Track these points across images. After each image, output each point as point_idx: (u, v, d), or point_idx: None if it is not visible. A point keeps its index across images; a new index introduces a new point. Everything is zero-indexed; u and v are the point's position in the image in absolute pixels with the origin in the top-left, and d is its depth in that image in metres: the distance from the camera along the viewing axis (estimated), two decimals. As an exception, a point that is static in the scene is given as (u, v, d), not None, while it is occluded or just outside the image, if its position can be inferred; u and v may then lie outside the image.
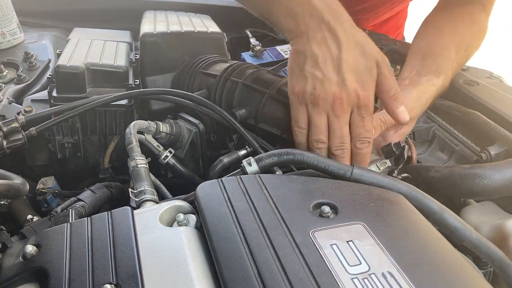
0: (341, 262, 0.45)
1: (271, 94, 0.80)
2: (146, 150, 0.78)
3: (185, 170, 0.82)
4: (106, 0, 1.37)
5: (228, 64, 0.94)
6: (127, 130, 0.75)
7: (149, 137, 0.79)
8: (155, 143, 0.80)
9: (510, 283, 0.55)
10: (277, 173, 0.69)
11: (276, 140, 0.80)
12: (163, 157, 0.79)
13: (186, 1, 1.40)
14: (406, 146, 0.79)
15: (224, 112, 0.82)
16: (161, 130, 0.81)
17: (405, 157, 0.80)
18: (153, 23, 1.06)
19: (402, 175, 0.77)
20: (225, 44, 1.07)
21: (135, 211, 0.56)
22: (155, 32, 0.98)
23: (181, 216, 0.54)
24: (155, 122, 0.81)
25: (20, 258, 0.51)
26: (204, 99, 0.86)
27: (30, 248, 0.51)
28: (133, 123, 0.76)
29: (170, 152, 0.80)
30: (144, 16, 1.18)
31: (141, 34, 1.00)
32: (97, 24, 1.22)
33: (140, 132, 0.78)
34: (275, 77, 0.85)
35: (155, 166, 0.82)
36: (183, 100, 0.86)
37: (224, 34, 1.07)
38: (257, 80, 0.85)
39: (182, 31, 1.00)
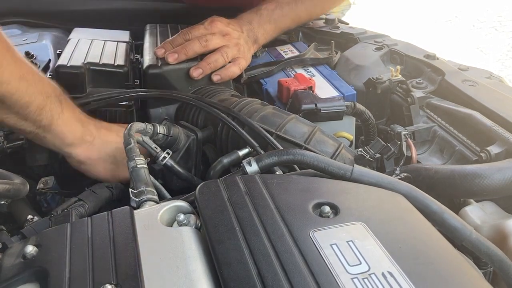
0: (341, 262, 0.45)
1: (278, 134, 0.81)
2: (143, 152, 0.77)
3: (184, 171, 0.82)
4: (106, 0, 1.37)
5: (233, 100, 0.94)
6: (125, 131, 0.75)
7: (146, 139, 0.79)
8: (152, 145, 0.79)
9: (510, 283, 0.55)
10: (277, 173, 0.69)
11: None
12: (160, 158, 0.79)
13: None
14: (404, 143, 0.79)
15: (222, 111, 0.81)
16: (158, 131, 0.81)
17: (404, 153, 0.80)
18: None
19: (402, 175, 0.77)
20: None
21: (135, 211, 0.56)
22: (159, 64, 0.98)
23: (181, 216, 0.54)
24: (152, 124, 0.81)
25: (20, 258, 0.51)
26: (205, 98, 0.86)
27: (30, 248, 0.51)
28: (130, 124, 0.76)
29: (167, 153, 0.80)
30: (146, 32, 1.18)
31: (144, 65, 1.00)
32: (97, 24, 1.22)
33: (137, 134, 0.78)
34: (282, 115, 0.86)
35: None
36: (184, 97, 0.86)
37: None
38: (264, 119, 0.85)
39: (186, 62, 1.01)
